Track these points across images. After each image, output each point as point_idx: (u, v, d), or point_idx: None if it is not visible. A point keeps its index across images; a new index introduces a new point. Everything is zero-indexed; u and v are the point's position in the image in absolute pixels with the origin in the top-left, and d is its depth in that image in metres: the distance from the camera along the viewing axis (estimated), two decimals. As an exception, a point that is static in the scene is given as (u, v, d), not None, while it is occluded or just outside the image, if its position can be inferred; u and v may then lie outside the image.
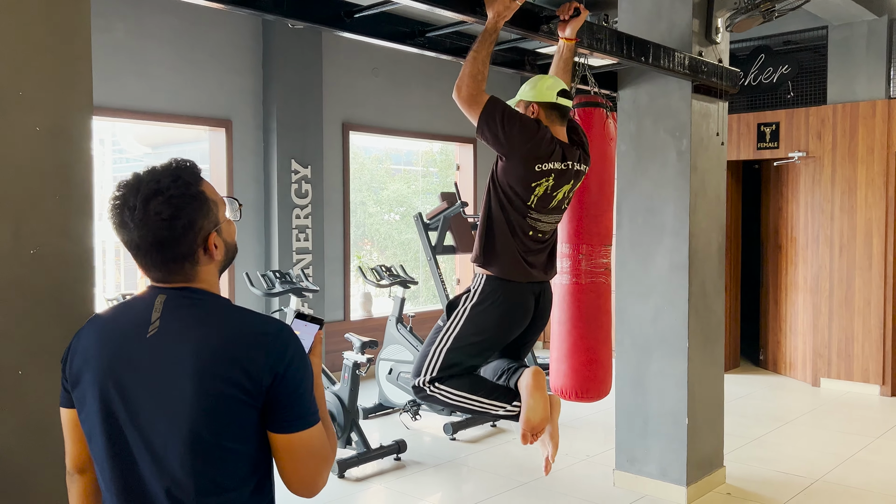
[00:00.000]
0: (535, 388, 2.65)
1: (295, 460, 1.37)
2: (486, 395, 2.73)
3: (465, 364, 2.76)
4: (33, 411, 1.75)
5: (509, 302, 2.77)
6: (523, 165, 2.69)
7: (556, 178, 2.74)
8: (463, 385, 2.74)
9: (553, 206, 2.81)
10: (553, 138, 2.74)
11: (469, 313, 2.76)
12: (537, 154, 2.68)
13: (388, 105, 7.49)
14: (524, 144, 2.67)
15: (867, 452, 5.06)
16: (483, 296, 2.77)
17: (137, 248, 1.36)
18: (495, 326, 2.77)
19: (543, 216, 2.79)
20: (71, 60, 1.82)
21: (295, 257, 6.56)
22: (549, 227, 2.84)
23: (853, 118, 6.60)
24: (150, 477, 1.34)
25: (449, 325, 2.78)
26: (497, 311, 2.76)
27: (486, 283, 2.79)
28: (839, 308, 6.72)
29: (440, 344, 2.76)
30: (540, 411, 2.64)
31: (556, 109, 2.80)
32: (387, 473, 4.67)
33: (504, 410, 2.73)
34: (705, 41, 4.15)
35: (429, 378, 2.74)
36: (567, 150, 2.78)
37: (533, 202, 2.74)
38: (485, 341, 2.77)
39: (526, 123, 2.70)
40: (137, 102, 5.71)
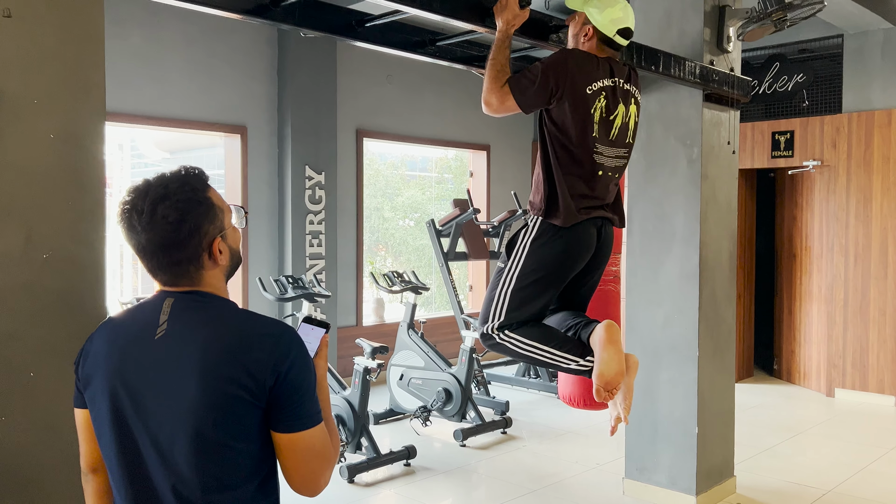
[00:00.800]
0: (609, 342, 2.52)
1: (297, 459, 1.40)
2: (559, 346, 2.61)
3: (533, 304, 2.65)
4: (45, 412, 1.78)
5: (570, 231, 2.66)
6: (574, 95, 2.59)
7: (608, 97, 2.64)
8: (534, 334, 2.63)
9: (615, 136, 2.69)
10: (592, 56, 2.66)
11: (529, 248, 2.66)
12: (582, 75, 2.59)
13: (402, 112, 7.54)
14: (563, 74, 2.58)
15: (881, 464, 5.01)
16: (542, 228, 2.67)
17: (144, 251, 1.40)
18: (557, 259, 2.66)
19: (608, 148, 2.67)
20: (84, 69, 1.86)
21: (308, 263, 6.61)
22: (614, 162, 2.71)
23: (868, 127, 6.56)
24: (158, 475, 1.37)
25: (510, 264, 2.68)
26: (559, 242, 2.65)
27: (543, 220, 2.69)
28: (854, 318, 6.67)
29: (504, 286, 2.66)
30: (615, 365, 2.49)
31: (608, 44, 2.72)
32: (396, 479, 4.68)
33: (577, 364, 2.60)
34: (717, 50, 4.16)
35: (497, 324, 2.64)
36: (615, 67, 2.69)
37: (596, 132, 2.62)
38: (549, 276, 2.66)
39: (550, 60, 2.61)
40: (154, 108, 5.79)
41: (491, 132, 8.42)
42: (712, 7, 4.10)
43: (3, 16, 1.71)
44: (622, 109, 2.70)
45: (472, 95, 8.09)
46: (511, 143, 8.72)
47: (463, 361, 5.57)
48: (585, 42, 2.74)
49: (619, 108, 2.68)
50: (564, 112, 2.61)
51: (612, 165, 2.71)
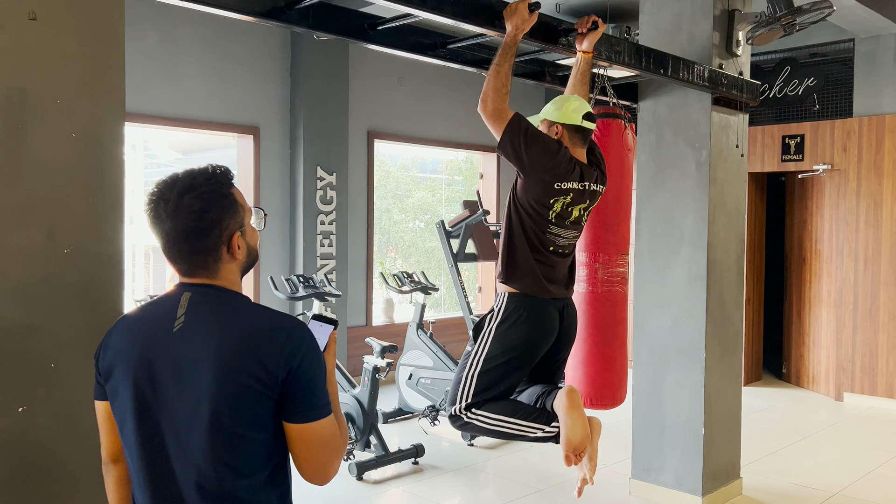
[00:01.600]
0: (571, 408, 2.61)
1: (308, 449, 1.45)
2: (524, 417, 2.71)
3: (499, 386, 2.75)
4: (65, 402, 1.84)
5: (533, 317, 2.78)
6: (542, 183, 2.73)
7: (573, 197, 2.78)
8: (499, 409, 2.72)
9: (571, 222, 2.84)
10: (572, 159, 2.79)
11: (495, 333, 2.77)
12: (556, 173, 2.72)
13: (413, 114, 7.59)
14: (545, 164, 2.70)
15: (888, 468, 5.02)
16: (507, 314, 2.79)
17: (167, 238, 1.46)
18: (522, 343, 2.77)
19: (562, 230, 2.82)
20: (105, 70, 1.92)
21: (319, 262, 6.66)
22: (567, 241, 2.87)
23: (879, 131, 6.56)
24: (177, 463, 1.43)
25: (477, 347, 2.78)
26: (522, 326, 2.76)
27: (509, 300, 2.81)
28: (863, 322, 6.66)
29: (471, 368, 2.76)
30: (579, 430, 2.59)
31: (579, 132, 2.84)
32: (405, 477, 4.73)
33: (542, 432, 2.69)
34: (726, 54, 4.18)
35: (464, 405, 2.73)
36: (585, 171, 2.82)
37: (552, 217, 2.77)
38: (514, 360, 2.76)
39: (547, 144, 2.74)
40: (168, 109, 5.86)
41: (501, 134, 8.44)
42: (721, 11, 4.13)
43: (28, 19, 1.76)
44: (583, 206, 2.84)
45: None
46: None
47: (471, 362, 5.60)
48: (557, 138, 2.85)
49: (580, 205, 2.83)
50: (528, 190, 2.77)
51: (565, 244, 2.87)
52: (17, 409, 1.77)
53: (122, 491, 1.59)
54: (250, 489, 1.44)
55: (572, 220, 2.84)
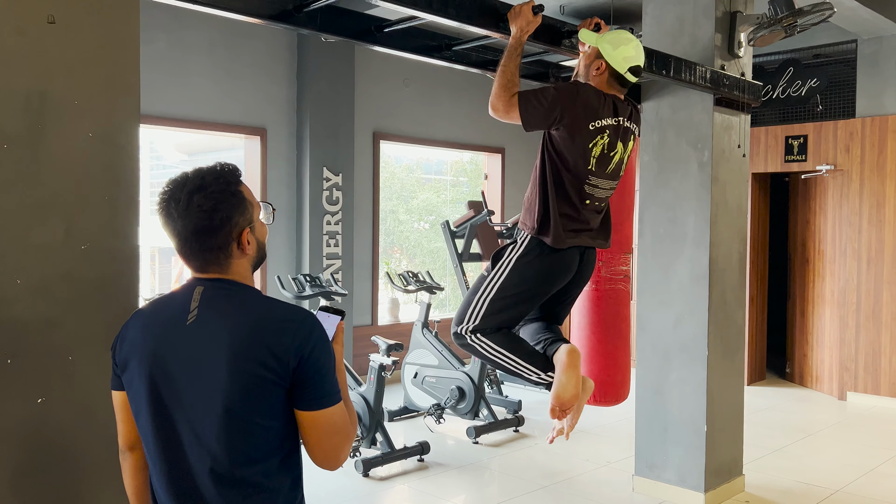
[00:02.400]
0: (570, 366, 2.66)
1: (319, 435, 1.50)
2: (523, 357, 2.75)
3: (507, 314, 2.78)
4: (83, 394, 1.90)
5: (554, 255, 2.77)
6: (577, 127, 2.68)
7: (610, 135, 2.74)
8: (502, 342, 2.76)
9: (611, 170, 2.79)
10: (599, 92, 2.74)
11: (514, 264, 2.78)
12: (588, 111, 2.68)
13: (418, 115, 7.65)
14: (571, 105, 2.67)
15: (890, 465, 5.05)
16: (528, 248, 2.79)
17: (179, 236, 1.51)
18: (538, 277, 2.78)
19: (602, 181, 2.78)
20: (121, 72, 1.97)
21: (325, 262, 6.73)
22: (605, 193, 2.83)
23: (882, 132, 6.59)
24: (191, 450, 1.48)
25: (493, 274, 2.80)
26: (541, 262, 2.77)
27: (530, 239, 2.80)
28: (866, 322, 6.69)
29: (484, 293, 2.78)
30: (571, 389, 2.64)
31: (618, 79, 2.80)
32: (410, 474, 4.78)
33: (536, 377, 2.74)
34: (728, 55, 4.23)
35: (471, 327, 2.77)
36: (619, 105, 2.78)
37: (592, 165, 2.72)
38: (527, 291, 2.79)
39: (562, 88, 2.71)
40: (177, 110, 5.93)
41: (506, 135, 8.51)
42: (723, 13, 4.18)
43: (47, 22, 1.83)
44: (620, 147, 2.80)
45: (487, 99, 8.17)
46: (526, 146, 8.80)
47: (476, 360, 5.66)
48: (596, 76, 2.81)
49: (618, 146, 2.79)
50: (565, 141, 2.72)
51: (602, 196, 2.83)
52: (36, 400, 1.83)
53: (138, 478, 1.65)
54: (263, 474, 1.49)
55: (612, 167, 2.78)
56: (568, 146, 2.71)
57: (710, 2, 4.13)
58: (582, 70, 2.88)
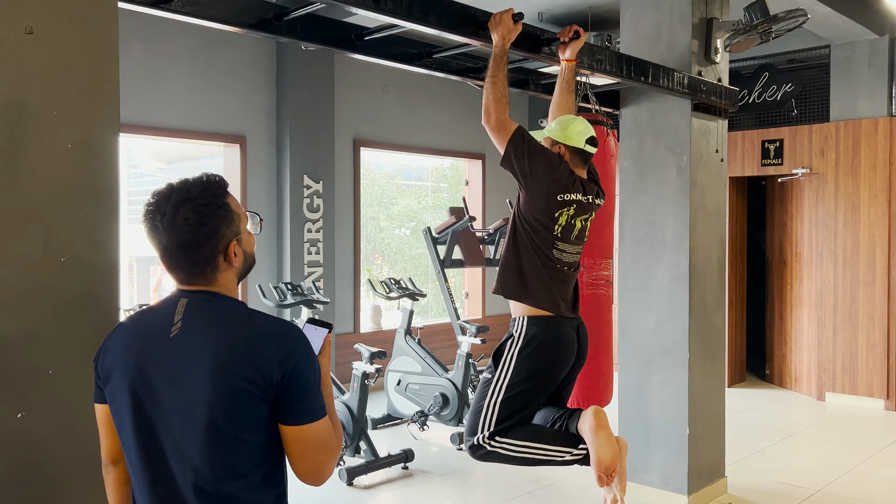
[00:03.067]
0: (599, 428, 2.62)
1: (304, 450, 1.48)
2: (550, 441, 2.70)
3: (522, 412, 2.74)
4: (64, 408, 1.87)
5: (555, 340, 2.78)
6: (545, 197, 2.78)
7: (576, 209, 2.84)
8: (523, 435, 2.71)
9: (575, 236, 2.88)
10: (572, 172, 2.86)
11: (517, 359, 2.76)
12: (559, 184, 2.78)
13: (398, 122, 7.66)
14: (548, 176, 2.76)
15: (869, 465, 5.11)
16: (528, 338, 2.77)
17: (165, 250, 1.50)
18: (545, 367, 2.77)
19: (568, 246, 2.85)
20: (100, 81, 1.96)
21: (306, 270, 6.70)
22: (572, 258, 2.90)
23: (856, 135, 6.70)
24: (174, 464, 1.47)
25: (499, 374, 2.76)
26: (544, 350, 2.76)
27: (528, 324, 2.80)
28: (843, 323, 6.78)
29: (493, 396, 2.73)
30: (610, 449, 2.59)
31: (580, 155, 2.91)
32: (395, 482, 4.77)
33: (571, 455, 2.69)
34: (704, 61, 4.28)
35: (488, 433, 2.71)
36: (585, 185, 2.90)
37: (558, 231, 2.81)
38: (537, 385, 2.76)
39: (550, 157, 2.81)
40: (155, 119, 5.89)
41: (486, 141, 8.49)
42: (700, 20, 4.23)
43: (25, 33, 1.81)
44: (583, 217, 2.89)
45: (467, 105, 8.22)
46: (506, 153, 8.82)
47: (459, 367, 5.66)
48: None
49: (582, 217, 2.88)
50: (532, 205, 2.80)
51: (570, 261, 2.89)
52: (16, 414, 1.81)
53: (121, 491, 1.63)
54: (246, 490, 1.47)
55: (576, 233, 2.87)
56: (534, 210, 2.80)
57: (687, 8, 4.18)
58: None
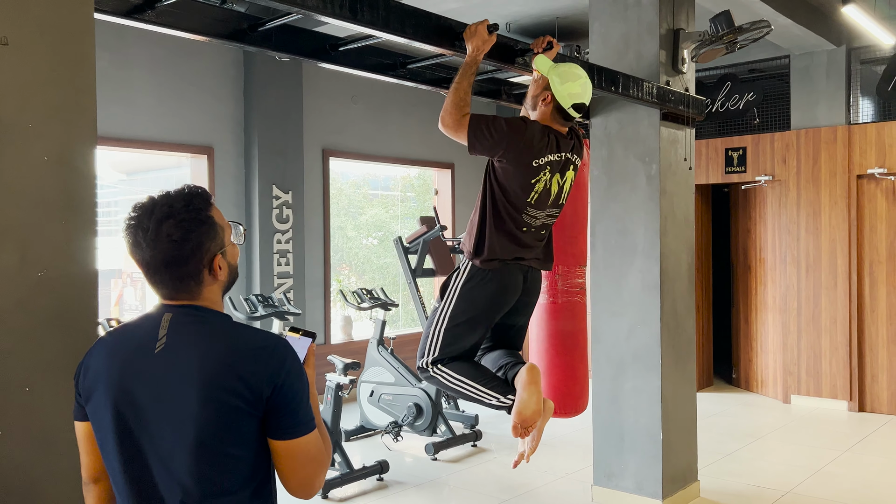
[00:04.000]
0: (530, 383, 2.73)
1: (293, 464, 1.46)
2: (484, 383, 2.82)
3: (463, 341, 2.85)
4: (41, 426, 1.83)
5: (497, 275, 2.85)
6: (519, 163, 2.77)
7: (551, 170, 2.83)
8: (463, 370, 2.83)
9: (552, 202, 2.89)
10: (545, 128, 2.83)
11: (460, 290, 2.87)
12: (532, 149, 2.77)
13: (368, 131, 7.65)
14: (517, 141, 2.75)
15: (835, 465, 5.22)
16: (471, 273, 2.87)
17: (148, 266, 1.47)
18: (485, 300, 2.86)
19: (540, 212, 2.87)
20: (76, 94, 1.93)
21: (276, 282, 6.64)
22: (544, 220, 2.91)
23: (816, 143, 6.86)
24: (161, 481, 1.44)
25: (443, 305, 2.89)
26: (486, 286, 2.85)
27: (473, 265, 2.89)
28: (807, 326, 6.93)
29: (438, 324, 2.87)
30: (532, 405, 2.70)
31: (561, 113, 2.88)
32: (369, 494, 4.74)
33: (497, 401, 2.81)
34: (672, 71, 4.36)
35: (431, 359, 2.85)
36: (561, 140, 2.87)
37: (533, 199, 2.82)
38: (477, 316, 2.86)
39: (512, 124, 2.79)
40: (121, 130, 5.80)
41: (455, 151, 8.56)
42: (667, 30, 4.31)
43: (0, 44, 1.77)
44: (558, 178, 2.89)
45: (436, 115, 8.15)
46: (475, 162, 8.85)
47: (432, 376, 5.65)
48: (542, 106, 2.90)
49: (556, 178, 2.88)
50: (508, 174, 2.82)
51: (540, 223, 2.92)
52: (-8, 433, 1.76)
53: None
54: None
55: (552, 199, 2.88)
56: (510, 179, 2.81)
57: (654, 19, 4.25)
58: (530, 97, 2.98)
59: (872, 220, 6.69)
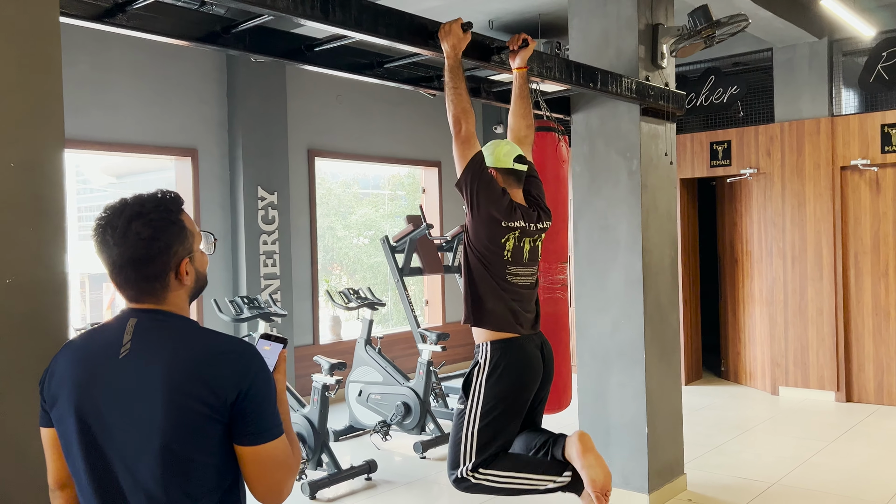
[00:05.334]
0: (587, 451, 2.65)
1: (260, 471, 1.46)
2: (535, 470, 2.72)
3: (500, 438, 2.77)
4: (12, 432, 1.82)
5: (520, 361, 2.81)
6: (491, 224, 2.82)
7: (520, 234, 2.88)
8: (508, 465, 2.72)
9: (527, 259, 2.92)
10: (511, 202, 2.89)
11: (486, 386, 2.79)
12: (501, 213, 2.82)
13: (353, 131, 7.64)
14: (492, 206, 2.80)
15: (823, 456, 5.25)
16: (493, 364, 2.81)
17: (114, 265, 1.47)
18: (514, 389, 2.79)
19: (520, 268, 2.89)
20: (43, 99, 1.92)
21: (263, 283, 6.63)
22: (528, 279, 2.93)
23: (799, 135, 6.89)
24: (126, 488, 1.43)
25: (470, 404, 2.79)
26: (511, 373, 2.79)
27: (492, 349, 2.83)
28: (794, 318, 6.96)
29: (468, 426, 2.76)
30: (601, 472, 2.63)
31: (512, 174, 2.94)
32: (358, 493, 4.74)
33: (554, 483, 2.71)
34: (652, 66, 4.37)
35: (471, 465, 2.73)
36: (525, 213, 2.92)
37: (508, 256, 2.84)
38: (509, 408, 2.79)
39: (495, 189, 2.84)
40: (104, 134, 5.78)
41: (441, 149, 8.57)
42: (646, 26, 4.32)
43: (-37, 50, 1.77)
44: (529, 243, 2.93)
45: (422, 114, 8.24)
46: (461, 160, 8.87)
47: (421, 375, 5.66)
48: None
49: (527, 243, 2.92)
50: (480, 231, 2.84)
51: (526, 283, 2.93)
52: (-38, 441, 1.76)
53: None
54: None
55: (527, 256, 2.91)
56: (483, 240, 2.83)
57: (633, 15, 4.26)
58: None
59: (857, 211, 6.73)
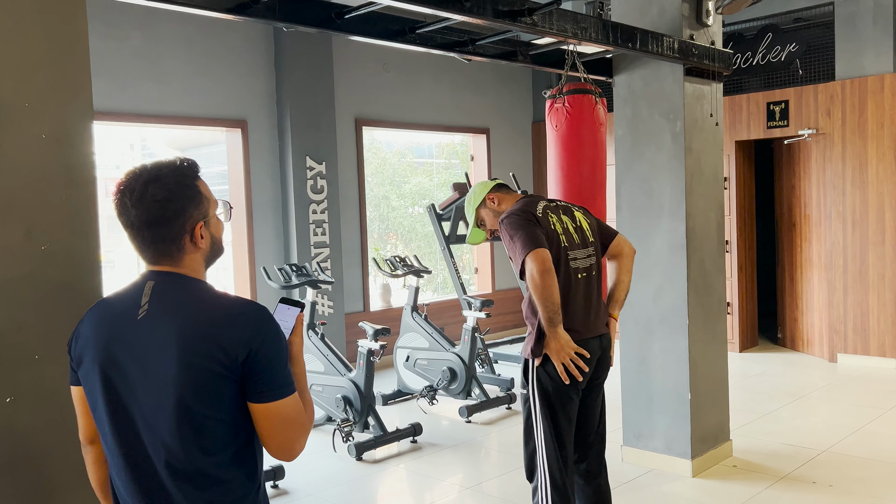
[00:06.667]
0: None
1: (272, 427, 1.52)
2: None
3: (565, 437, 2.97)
4: (50, 391, 1.93)
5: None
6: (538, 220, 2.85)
7: (554, 212, 2.92)
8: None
9: (578, 240, 2.92)
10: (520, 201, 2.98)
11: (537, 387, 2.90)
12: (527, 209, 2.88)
13: (400, 99, 7.65)
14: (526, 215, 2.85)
15: (878, 424, 5.10)
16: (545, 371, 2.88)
17: (132, 227, 1.54)
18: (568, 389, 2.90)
19: (578, 250, 2.90)
20: (71, 73, 1.99)
21: (313, 251, 6.76)
22: (588, 262, 2.93)
23: (862, 93, 6.59)
24: (147, 442, 1.51)
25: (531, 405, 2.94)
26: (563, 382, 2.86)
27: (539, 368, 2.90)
28: (854, 283, 6.73)
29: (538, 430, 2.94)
30: None
31: (501, 188, 3.08)
32: (404, 455, 4.84)
33: None
34: (696, 24, 4.23)
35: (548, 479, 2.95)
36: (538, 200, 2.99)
37: (562, 240, 2.86)
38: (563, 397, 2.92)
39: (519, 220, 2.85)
40: (155, 107, 5.94)
41: (490, 116, 8.51)
42: (690, -18, 4.18)
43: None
44: (568, 219, 2.95)
45: (469, 80, 8.19)
46: (510, 126, 8.81)
47: (466, 341, 5.71)
48: (500, 206, 3.04)
49: (566, 219, 2.94)
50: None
51: (587, 265, 2.93)
52: (5, 399, 1.87)
53: (100, 470, 1.68)
54: (217, 466, 1.51)
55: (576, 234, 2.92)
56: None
57: (676, -28, 4.12)
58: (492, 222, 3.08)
59: (923, 172, 6.42)
